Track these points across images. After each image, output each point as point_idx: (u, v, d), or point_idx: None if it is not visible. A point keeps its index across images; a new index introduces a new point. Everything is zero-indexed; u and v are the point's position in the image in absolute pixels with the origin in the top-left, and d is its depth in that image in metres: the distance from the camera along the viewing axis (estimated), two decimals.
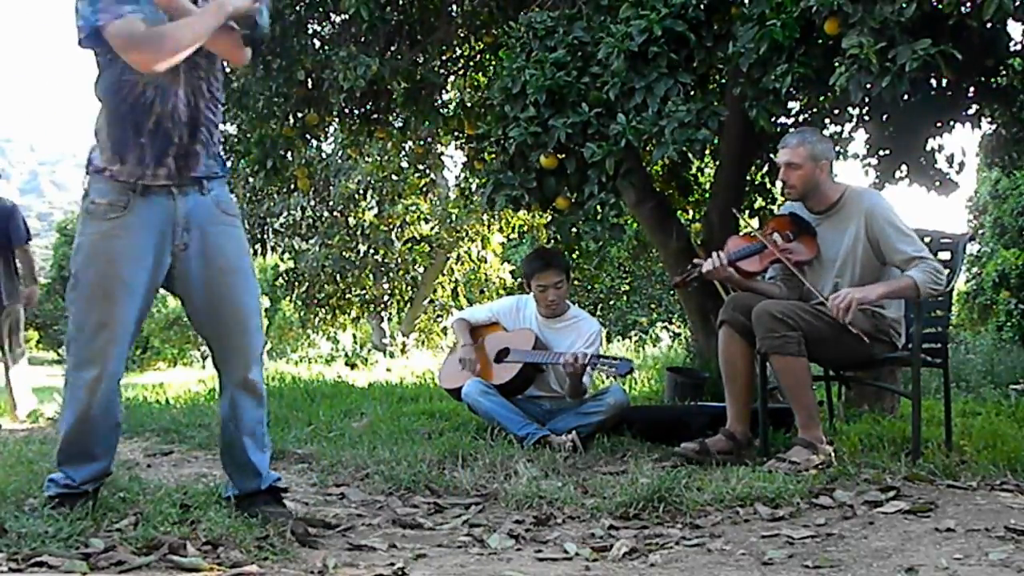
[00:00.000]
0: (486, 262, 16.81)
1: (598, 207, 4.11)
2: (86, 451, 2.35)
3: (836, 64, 3.44)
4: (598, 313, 16.81)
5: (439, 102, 6.09)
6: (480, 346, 4.32)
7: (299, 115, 5.55)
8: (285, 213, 14.99)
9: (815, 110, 5.09)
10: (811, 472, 3.03)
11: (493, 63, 6.09)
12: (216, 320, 2.41)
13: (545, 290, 4.11)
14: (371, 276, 16.56)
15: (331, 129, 6.77)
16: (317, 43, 5.33)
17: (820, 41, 3.65)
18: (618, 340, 14.35)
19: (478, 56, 6.38)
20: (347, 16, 4.97)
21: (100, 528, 2.20)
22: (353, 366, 13.65)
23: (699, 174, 6.91)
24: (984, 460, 3.15)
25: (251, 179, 10.04)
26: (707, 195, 6.38)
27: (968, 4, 3.42)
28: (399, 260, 16.63)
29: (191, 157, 2.35)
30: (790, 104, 4.98)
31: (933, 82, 4.20)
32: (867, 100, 3.60)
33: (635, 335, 15.56)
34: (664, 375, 5.69)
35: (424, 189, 13.75)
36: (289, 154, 5.89)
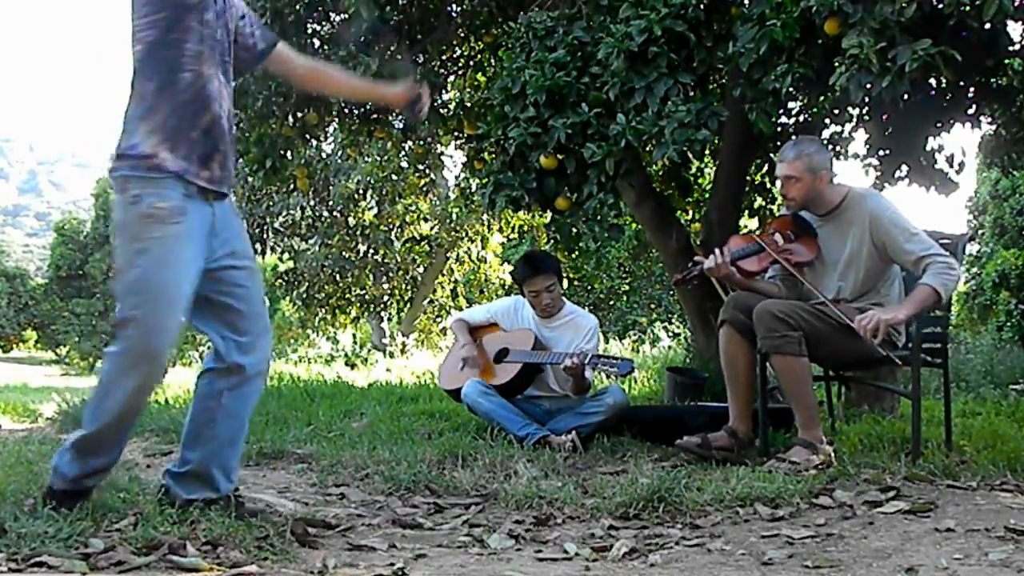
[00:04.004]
0: (486, 262, 16.84)
1: (598, 207, 4.11)
2: (111, 447, 2.36)
3: (836, 64, 3.44)
4: (597, 314, 16.79)
5: (439, 102, 6.09)
6: (479, 347, 4.32)
7: (299, 115, 5.55)
8: (284, 213, 15.02)
9: (815, 110, 5.09)
10: (811, 472, 3.03)
11: (493, 63, 6.09)
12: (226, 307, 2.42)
13: (538, 295, 4.10)
14: (371, 276, 16.59)
15: (331, 129, 6.77)
16: (317, 43, 5.33)
17: (820, 41, 3.65)
18: (616, 340, 14.33)
19: (478, 56, 6.39)
20: (347, 16, 4.97)
21: (100, 528, 2.19)
22: (353, 366, 13.65)
23: (699, 174, 6.92)
24: (984, 460, 3.14)
25: (250, 179, 10.07)
26: (707, 195, 6.38)
27: (968, 4, 3.42)
28: (399, 260, 16.64)
29: (228, 166, 2.37)
30: (790, 104, 4.98)
31: (933, 82, 4.20)
32: (867, 100, 3.59)
33: (634, 335, 15.56)
34: (664, 375, 5.70)
35: (424, 189, 13.79)
36: (288, 154, 5.89)
